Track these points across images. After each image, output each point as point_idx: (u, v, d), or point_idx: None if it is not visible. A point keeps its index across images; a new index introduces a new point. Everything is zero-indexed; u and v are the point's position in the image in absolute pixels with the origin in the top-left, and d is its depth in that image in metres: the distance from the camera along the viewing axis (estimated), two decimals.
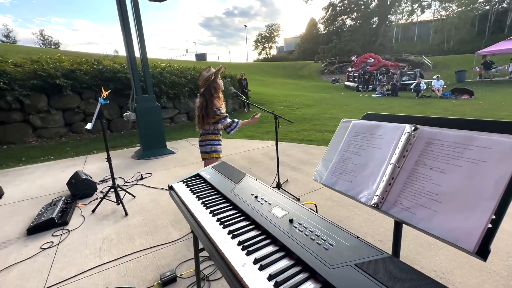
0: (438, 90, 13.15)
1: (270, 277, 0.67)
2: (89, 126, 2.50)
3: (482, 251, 0.58)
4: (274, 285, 0.65)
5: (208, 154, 2.48)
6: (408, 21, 44.44)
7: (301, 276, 0.67)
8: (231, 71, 12.83)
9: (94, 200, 3.15)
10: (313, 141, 5.65)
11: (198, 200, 1.18)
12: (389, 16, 40.14)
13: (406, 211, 0.74)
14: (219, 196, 1.20)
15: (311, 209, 0.99)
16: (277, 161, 3.13)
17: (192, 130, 7.80)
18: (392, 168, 0.82)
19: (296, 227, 0.83)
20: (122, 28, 4.77)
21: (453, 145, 0.71)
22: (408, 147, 0.81)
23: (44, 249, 2.22)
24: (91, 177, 3.52)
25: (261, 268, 0.71)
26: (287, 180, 3.50)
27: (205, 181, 1.39)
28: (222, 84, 2.51)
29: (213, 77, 2.38)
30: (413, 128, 0.84)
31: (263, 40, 70.70)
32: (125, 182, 3.78)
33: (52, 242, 2.32)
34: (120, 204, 2.86)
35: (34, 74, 7.05)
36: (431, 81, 14.30)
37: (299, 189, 3.21)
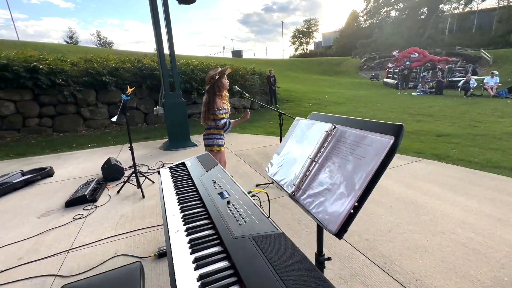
0: (492, 88, 11.70)
1: (190, 240, 0.85)
2: (114, 119, 2.91)
3: (340, 232, 0.68)
4: (187, 236, 0.83)
5: (210, 147, 2.71)
6: (465, 10, 39.64)
7: (213, 241, 0.84)
8: (261, 68, 12.99)
9: (120, 183, 3.61)
10: None
11: (173, 183, 1.40)
12: (441, 6, 36.25)
13: (309, 199, 0.85)
14: (189, 180, 1.41)
15: (254, 195, 1.13)
16: None
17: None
18: (310, 162, 0.92)
19: (229, 207, 0.99)
20: (153, 30, 5.25)
21: (351, 142, 0.80)
22: (325, 144, 0.91)
23: (75, 219, 2.68)
24: (120, 163, 4.04)
25: (188, 234, 0.90)
26: None
27: (186, 168, 1.60)
28: (228, 83, 2.71)
29: (218, 77, 2.59)
30: (332, 127, 0.93)
31: (300, 35, 69.29)
32: (149, 169, 4.23)
33: (82, 214, 2.78)
34: (139, 188, 3.27)
35: (86, 72, 8.06)
36: (484, 78, 12.75)
37: None
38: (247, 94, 2.91)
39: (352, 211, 0.69)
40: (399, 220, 2.38)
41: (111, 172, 3.72)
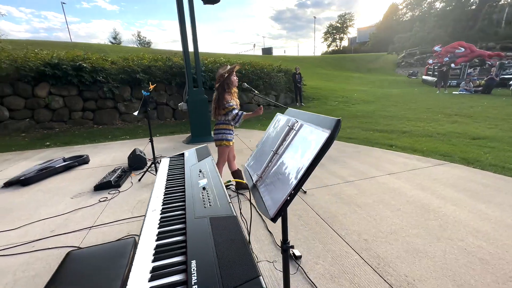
0: None
1: (161, 218, 0.98)
2: (135, 113, 3.19)
3: (276, 217, 0.74)
4: (161, 214, 0.95)
5: (219, 142, 2.84)
6: None
7: (180, 219, 0.95)
8: (291, 65, 12.89)
9: (143, 171, 3.94)
10: (353, 139, 5.41)
11: (168, 170, 1.55)
12: None
13: (264, 187, 0.92)
14: (181, 169, 1.54)
15: (231, 184, 1.22)
16: None
17: (245, 121, 8.39)
18: (272, 154, 0.98)
19: (203, 193, 1.10)
20: (179, 29, 5.55)
21: (303, 136, 0.84)
22: (286, 137, 0.96)
23: (101, 201, 3.02)
24: (144, 154, 4.39)
25: (162, 212, 1.02)
26: None
27: (183, 158, 1.75)
28: (236, 80, 2.81)
29: (226, 75, 2.70)
30: (293, 121, 0.98)
31: (334, 31, 66.88)
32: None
33: (107, 197, 3.12)
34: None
35: (123, 70, 8.77)
36: None
37: (310, 183, 3.28)
38: (256, 91, 2.98)
39: (288, 198, 0.74)
40: (405, 223, 2.29)
41: (135, 161, 4.07)
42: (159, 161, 3.75)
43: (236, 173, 3.09)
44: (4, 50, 9.58)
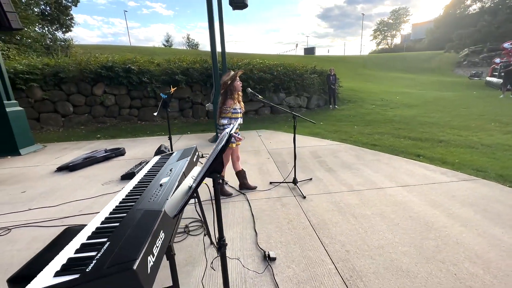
0: None
1: (116, 207, 1.18)
2: (155, 113, 3.57)
3: (175, 215, 0.87)
4: (116, 205, 1.16)
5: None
6: None
7: (127, 209, 1.15)
8: (328, 66, 12.54)
9: None
10: (376, 146, 5.12)
11: (151, 166, 1.78)
12: None
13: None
14: (160, 166, 1.75)
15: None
16: (294, 156, 3.28)
17: (269, 123, 8.51)
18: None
19: (157, 188, 1.28)
20: (209, 32, 5.91)
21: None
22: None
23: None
24: (168, 150, 4.83)
25: (120, 203, 1.23)
26: (311, 179, 3.57)
27: (169, 157, 1.96)
28: (240, 85, 2.95)
29: (229, 82, 2.87)
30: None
31: (385, 28, 62.24)
32: None
33: None
34: None
35: (165, 72, 9.62)
36: None
37: (314, 188, 3.26)
38: (259, 96, 3.08)
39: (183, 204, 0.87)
40: (397, 239, 2.17)
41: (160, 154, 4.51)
42: None
43: (240, 174, 3.24)
44: (74, 54, 11.33)
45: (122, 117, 9.51)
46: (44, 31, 21.22)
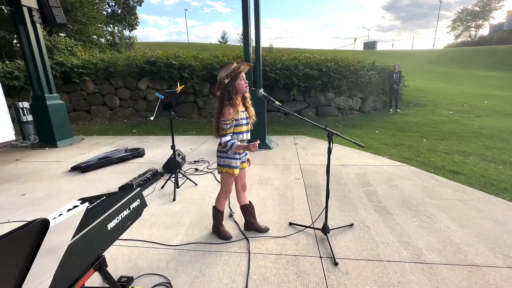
0: None
1: None
2: (152, 118, 2.89)
3: None
4: None
5: (221, 168, 2.12)
6: None
7: None
8: (387, 62, 10.57)
9: (168, 179, 3.70)
10: (459, 175, 3.58)
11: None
12: None
13: None
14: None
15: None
16: (327, 194, 2.19)
17: (311, 127, 7.31)
18: None
19: None
20: (243, 24, 5.06)
21: None
22: None
23: None
24: (183, 156, 4.19)
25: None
26: (352, 225, 2.43)
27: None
28: (244, 85, 2.00)
29: (227, 80, 1.95)
30: None
31: (468, 17, 52.48)
32: (207, 166, 4.17)
33: None
34: (177, 188, 3.22)
35: (205, 67, 9.21)
36: None
37: (354, 245, 2.12)
38: (277, 102, 2.07)
39: None
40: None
41: (169, 164, 3.90)
42: (179, 171, 3.42)
43: (245, 209, 2.32)
44: (135, 51, 11.86)
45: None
46: (114, 30, 23.47)
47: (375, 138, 5.82)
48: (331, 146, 2.05)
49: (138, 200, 1.40)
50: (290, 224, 2.45)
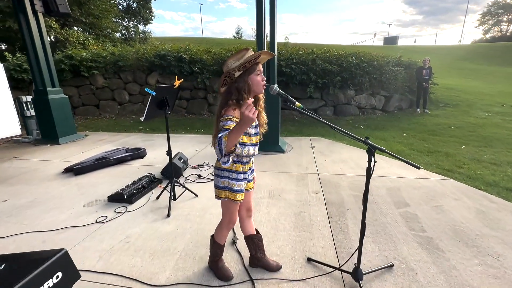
0: None
1: None
2: (142, 118, 2.42)
3: None
4: None
5: (219, 192, 1.57)
6: None
7: None
8: (415, 57, 9.63)
9: (165, 187, 3.24)
10: None
11: None
12: None
13: None
14: None
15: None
16: (362, 229, 1.61)
17: (329, 127, 6.66)
18: None
19: None
20: (256, 13, 4.49)
21: None
22: None
23: (98, 222, 2.46)
24: (185, 161, 3.72)
25: None
26: (391, 265, 1.84)
27: None
28: (262, 80, 1.45)
29: (238, 73, 1.39)
30: None
31: (500, 10, 48.89)
32: (199, 176, 3.68)
33: (106, 217, 2.54)
34: (174, 200, 2.75)
35: (216, 61, 8.71)
36: None
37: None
38: (297, 103, 1.50)
39: None
40: None
41: (167, 170, 3.43)
42: (179, 182, 2.95)
43: (251, 241, 1.79)
44: (147, 45, 11.59)
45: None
46: (129, 24, 23.46)
47: (403, 143, 5.11)
48: (372, 166, 1.47)
49: (59, 273, 0.88)
50: (309, 260, 1.89)
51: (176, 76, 2.95)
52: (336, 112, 8.29)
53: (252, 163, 1.68)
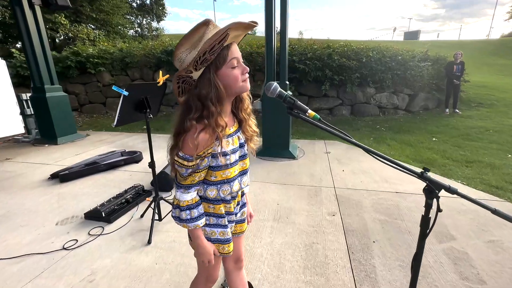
0: None
1: None
2: (114, 124, 1.96)
3: None
4: None
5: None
6: None
7: None
8: (440, 52, 8.70)
9: (166, 197, 2.79)
10: None
11: None
12: None
13: None
14: None
15: None
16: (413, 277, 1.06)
17: (346, 129, 6.01)
18: None
19: None
20: (265, 8, 3.95)
21: None
22: None
23: (65, 248, 2.04)
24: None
25: None
26: None
27: None
28: (245, 77, 0.93)
29: (198, 72, 0.84)
30: None
31: None
32: None
33: (76, 240, 2.11)
34: (159, 221, 2.29)
35: None
36: None
37: None
38: (310, 111, 0.95)
39: None
40: None
41: (159, 180, 2.98)
42: (162, 198, 2.48)
43: None
44: (158, 41, 11.30)
45: (178, 106, 8.71)
46: (142, 21, 23.47)
47: (434, 149, 4.41)
48: (434, 215, 0.92)
49: None
50: None
51: (161, 72, 2.48)
52: (353, 112, 7.60)
53: (243, 195, 1.17)
